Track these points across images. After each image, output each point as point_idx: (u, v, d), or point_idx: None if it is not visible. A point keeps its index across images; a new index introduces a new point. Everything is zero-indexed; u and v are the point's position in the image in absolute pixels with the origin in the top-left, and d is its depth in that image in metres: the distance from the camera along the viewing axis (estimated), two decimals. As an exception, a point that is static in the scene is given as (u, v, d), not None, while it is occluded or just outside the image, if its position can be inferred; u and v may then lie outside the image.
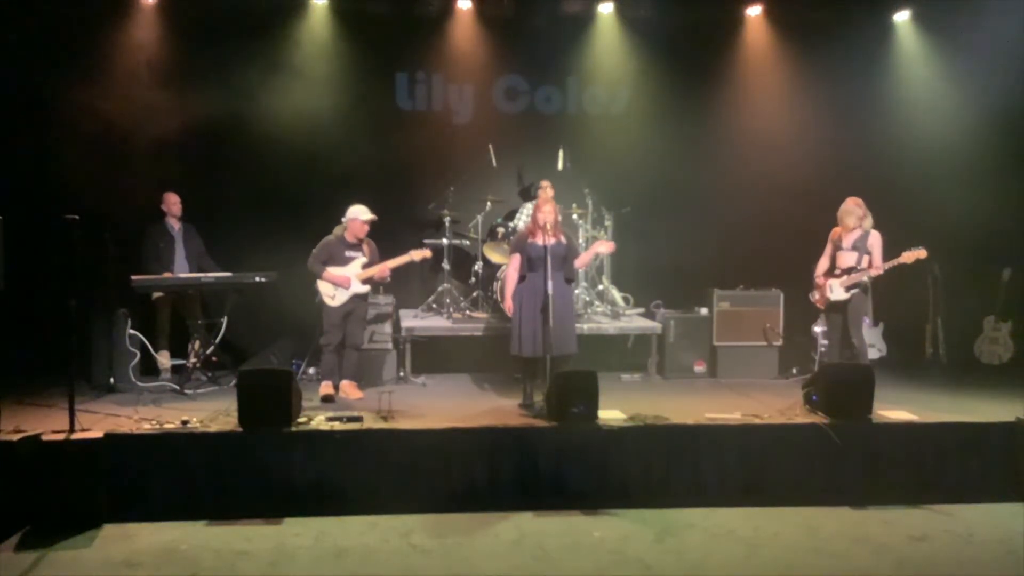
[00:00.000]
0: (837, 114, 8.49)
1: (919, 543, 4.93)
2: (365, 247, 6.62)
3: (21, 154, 7.21)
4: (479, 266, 8.05)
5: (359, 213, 6.50)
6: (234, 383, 6.01)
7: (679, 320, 7.75)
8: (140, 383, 6.78)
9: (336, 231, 6.64)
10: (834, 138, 8.43)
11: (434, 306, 7.97)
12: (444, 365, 7.71)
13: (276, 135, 7.79)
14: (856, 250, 6.53)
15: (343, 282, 6.52)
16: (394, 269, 6.68)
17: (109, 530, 4.97)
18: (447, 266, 7.95)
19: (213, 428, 5.44)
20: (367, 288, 6.66)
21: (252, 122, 7.77)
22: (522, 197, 8.54)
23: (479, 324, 7.55)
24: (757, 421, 5.82)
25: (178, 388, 6.62)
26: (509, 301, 6.24)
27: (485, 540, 4.91)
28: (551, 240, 6.07)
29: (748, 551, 4.79)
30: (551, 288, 5.87)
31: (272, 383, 5.47)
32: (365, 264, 6.59)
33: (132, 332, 6.80)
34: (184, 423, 5.50)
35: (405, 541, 4.86)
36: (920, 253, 6.25)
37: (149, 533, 4.93)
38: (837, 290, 6.61)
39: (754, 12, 8.52)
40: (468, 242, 8.26)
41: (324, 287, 6.54)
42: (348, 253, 6.57)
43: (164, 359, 7.24)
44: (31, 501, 4.93)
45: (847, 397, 5.78)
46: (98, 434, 5.16)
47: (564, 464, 5.45)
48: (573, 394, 5.56)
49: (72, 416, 5.24)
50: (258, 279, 6.83)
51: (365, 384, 6.85)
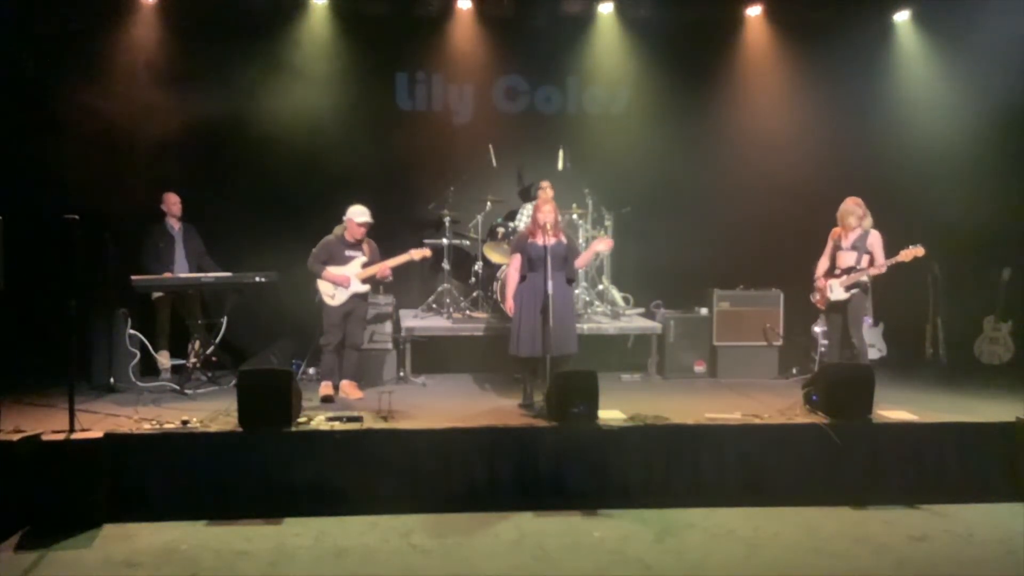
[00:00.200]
0: (837, 114, 8.49)
1: (919, 543, 4.93)
2: (365, 247, 6.63)
3: (21, 154, 7.21)
4: (479, 266, 8.05)
5: (355, 215, 6.50)
6: (234, 383, 6.01)
7: (679, 320, 7.76)
8: (140, 383, 6.78)
9: (336, 231, 6.64)
10: (834, 138, 8.43)
11: (434, 306, 7.97)
12: (444, 365, 7.72)
13: (276, 135, 7.78)
14: (856, 250, 6.53)
15: (343, 281, 6.52)
16: (394, 269, 6.69)
17: (109, 530, 4.97)
18: (447, 266, 7.95)
19: (213, 428, 5.44)
20: (367, 288, 6.66)
21: (252, 122, 7.76)
22: (522, 197, 8.54)
23: (479, 324, 7.55)
24: (757, 421, 5.82)
25: (178, 388, 6.62)
26: (510, 301, 6.25)
27: (485, 540, 4.91)
28: (551, 240, 6.07)
29: (748, 551, 4.79)
30: (551, 288, 5.86)
31: (272, 383, 5.47)
32: (365, 263, 6.59)
33: (132, 332, 6.80)
34: (184, 423, 5.50)
35: (405, 541, 4.86)
36: (918, 251, 6.25)
37: (149, 533, 4.92)
38: (837, 290, 6.61)
39: (754, 12, 8.52)
40: (468, 242, 8.26)
41: (324, 286, 6.55)
42: (348, 253, 6.57)
43: (164, 359, 7.24)
44: (31, 501, 4.93)
45: (847, 397, 5.77)
46: (98, 434, 5.16)
47: (564, 464, 5.45)
48: (573, 394, 5.56)
49: (72, 416, 5.23)
50: (258, 279, 6.83)
51: (365, 384, 6.85)
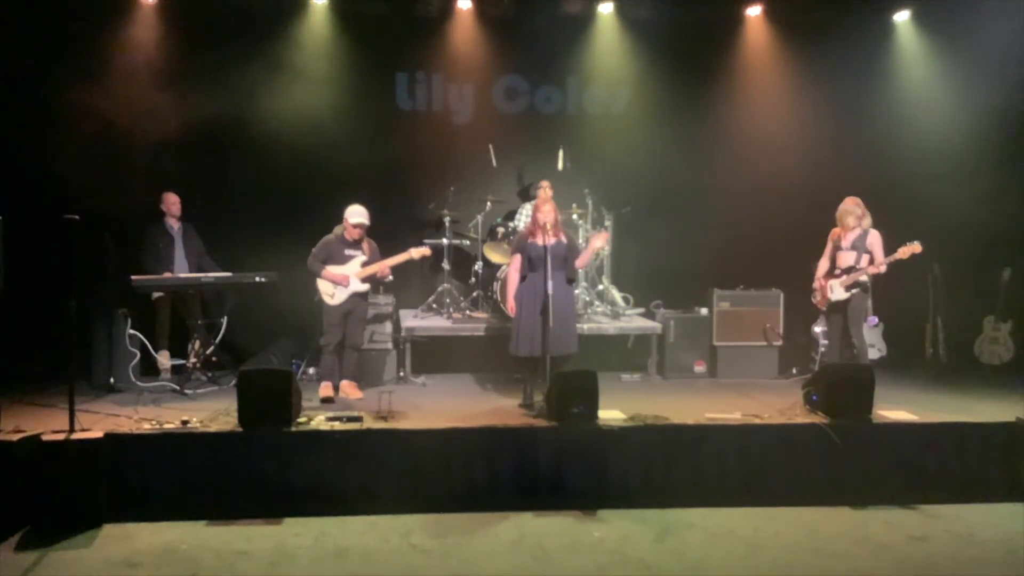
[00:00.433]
0: (837, 114, 8.49)
1: (919, 543, 4.93)
2: (365, 246, 6.62)
3: (21, 154, 7.20)
4: (479, 266, 8.05)
5: (350, 215, 6.49)
6: (234, 383, 6.00)
7: (679, 320, 7.75)
8: (140, 383, 6.78)
9: (336, 230, 6.63)
10: (834, 138, 8.43)
11: (434, 306, 7.97)
12: (444, 365, 7.72)
13: (276, 135, 7.79)
14: (855, 250, 6.53)
15: (342, 281, 6.52)
16: (394, 268, 6.69)
17: (109, 530, 4.97)
18: (447, 266, 7.95)
19: (213, 428, 5.44)
20: (366, 287, 6.66)
21: (252, 122, 7.76)
22: (521, 197, 8.54)
23: (479, 324, 7.55)
24: (757, 421, 5.82)
25: (178, 388, 6.62)
26: (511, 302, 6.25)
27: (485, 540, 4.91)
28: (551, 240, 6.06)
29: (748, 551, 4.79)
30: (551, 288, 5.86)
31: (272, 383, 5.46)
32: (364, 263, 6.59)
33: (132, 332, 6.80)
34: (184, 423, 5.50)
35: (405, 541, 4.86)
36: (915, 248, 6.25)
37: (149, 533, 4.92)
38: (837, 290, 6.61)
39: (754, 12, 8.52)
40: (468, 242, 8.26)
41: (323, 286, 6.55)
42: (348, 252, 6.57)
43: (164, 359, 7.24)
44: (31, 501, 4.92)
45: (847, 397, 5.77)
46: (98, 434, 5.16)
47: (564, 464, 5.44)
48: (573, 394, 5.56)
49: (72, 416, 5.24)
50: (258, 279, 6.83)
51: (365, 384, 6.85)
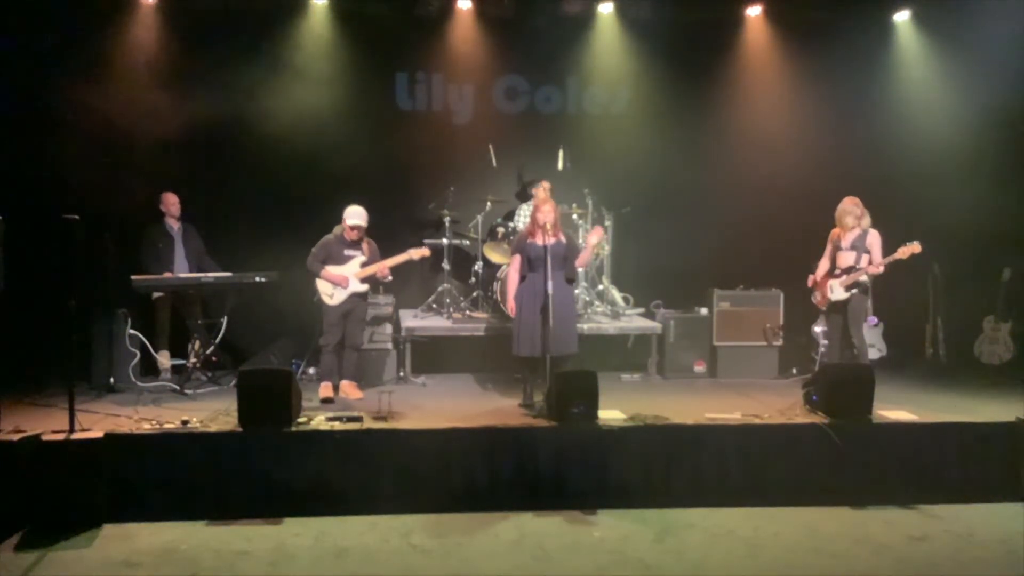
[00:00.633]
0: (837, 114, 8.48)
1: (919, 543, 4.93)
2: (364, 246, 6.62)
3: (21, 154, 7.21)
4: (479, 266, 8.05)
5: (348, 216, 6.48)
6: (234, 383, 6.01)
7: (679, 320, 7.75)
8: (140, 383, 6.78)
9: (336, 230, 6.62)
10: (834, 138, 8.42)
11: (434, 306, 7.97)
12: (444, 365, 7.71)
13: (276, 135, 7.78)
14: (855, 249, 6.53)
15: (341, 281, 6.51)
16: (393, 269, 6.68)
17: (109, 530, 4.97)
18: (447, 266, 7.95)
19: (213, 428, 5.44)
20: (366, 287, 6.65)
21: (252, 122, 7.75)
22: (519, 198, 8.52)
23: (479, 324, 7.55)
24: (757, 421, 5.82)
25: (178, 388, 6.62)
26: (512, 302, 6.24)
27: (485, 540, 4.91)
28: (551, 240, 6.06)
29: (748, 551, 4.79)
30: (551, 288, 5.86)
31: (272, 383, 5.47)
32: (364, 263, 6.58)
33: (132, 332, 6.80)
34: (184, 423, 5.50)
35: (405, 541, 4.86)
36: (914, 248, 6.25)
37: (149, 533, 4.92)
38: (837, 290, 6.61)
39: (754, 12, 8.52)
40: (468, 242, 8.25)
41: (323, 286, 6.54)
42: (347, 252, 6.56)
43: (164, 359, 7.24)
44: (31, 501, 4.93)
45: (847, 397, 5.78)
46: (98, 434, 5.16)
47: (564, 464, 5.44)
48: (573, 394, 5.56)
49: (72, 416, 5.24)
50: (258, 279, 6.83)
51: (365, 384, 6.85)
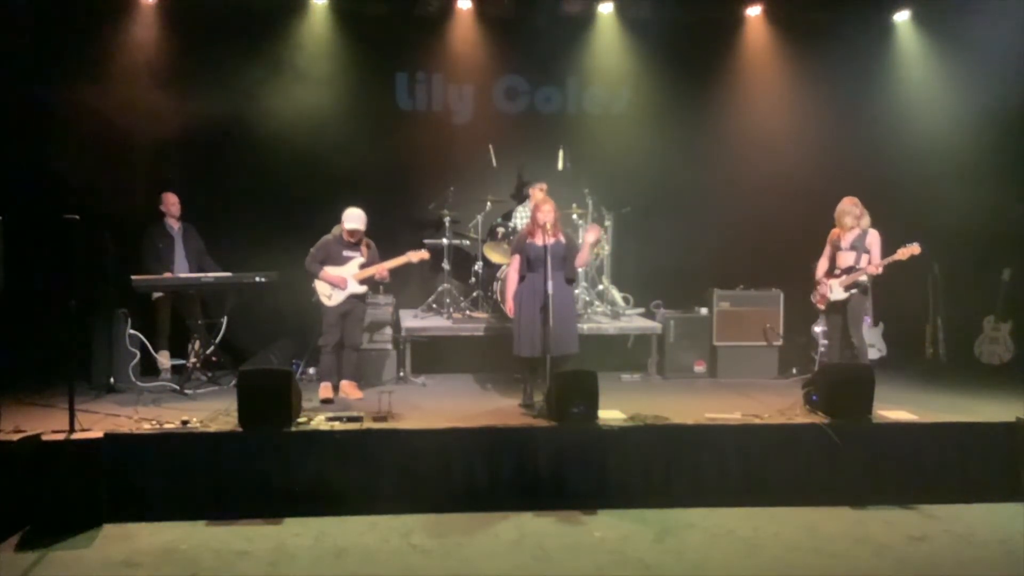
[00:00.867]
0: (837, 114, 8.48)
1: (919, 543, 4.93)
2: (363, 247, 6.62)
3: (21, 154, 7.21)
4: (479, 266, 8.05)
5: (346, 219, 6.48)
6: (234, 383, 6.01)
7: (679, 320, 7.75)
8: (140, 383, 6.78)
9: (334, 230, 6.62)
10: (834, 138, 8.42)
11: (434, 306, 7.97)
12: (444, 365, 7.70)
13: (276, 135, 7.78)
14: (855, 250, 6.53)
15: (339, 282, 6.51)
16: (393, 270, 6.67)
17: (109, 530, 4.97)
18: (447, 266, 7.94)
19: (213, 428, 5.44)
20: (364, 288, 6.65)
21: (252, 122, 7.75)
22: (516, 199, 8.51)
23: (479, 324, 7.55)
24: (757, 421, 5.82)
25: (178, 388, 6.62)
26: (511, 302, 6.25)
27: (485, 540, 4.91)
28: (551, 240, 6.06)
29: (748, 551, 4.79)
30: (551, 288, 5.86)
31: (272, 383, 5.47)
32: (363, 264, 6.58)
33: (132, 332, 6.80)
34: (184, 423, 5.50)
35: (405, 541, 4.86)
36: (914, 249, 6.25)
37: (149, 533, 4.92)
38: (837, 290, 6.61)
39: (754, 12, 8.51)
40: (468, 242, 8.25)
41: (321, 287, 6.54)
42: (346, 253, 6.56)
43: (164, 359, 7.23)
44: (31, 501, 4.93)
45: (847, 397, 5.78)
46: (98, 434, 5.16)
47: (564, 464, 5.44)
48: (573, 394, 5.56)
49: (72, 416, 5.24)
50: (258, 279, 6.83)
51: (365, 384, 6.85)
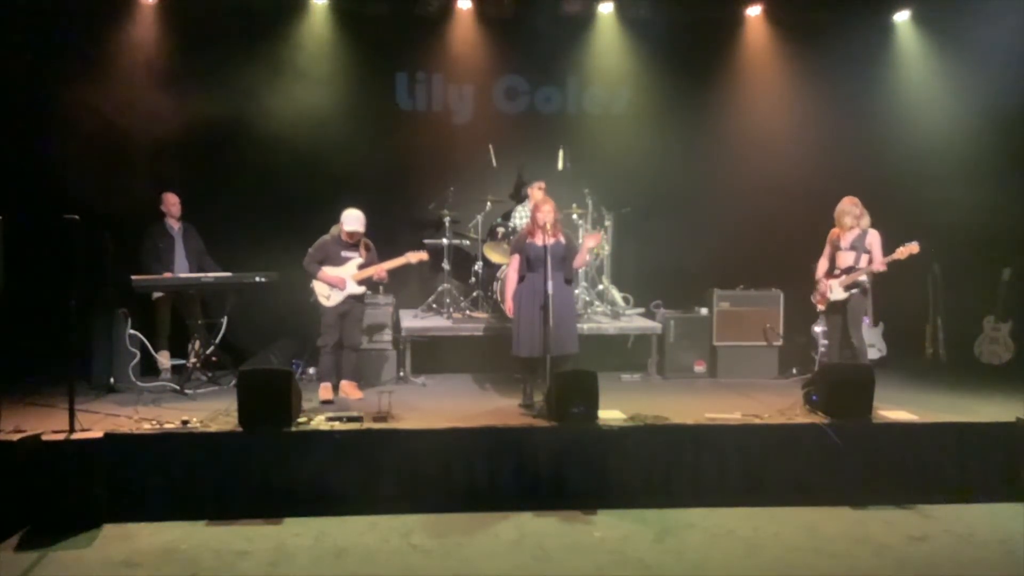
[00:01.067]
0: (837, 114, 8.48)
1: (919, 543, 4.94)
2: (362, 247, 6.61)
3: (21, 154, 7.21)
4: (479, 266, 8.05)
5: (345, 221, 6.47)
6: (234, 383, 6.01)
7: (679, 320, 7.75)
8: (140, 383, 6.78)
9: (333, 230, 6.61)
10: (834, 138, 8.42)
11: (434, 306, 7.97)
12: (444, 365, 7.70)
13: (276, 135, 7.78)
14: (855, 249, 6.53)
15: (338, 283, 6.50)
16: (392, 270, 6.67)
17: (109, 530, 4.97)
18: (447, 266, 7.95)
19: (213, 428, 5.44)
20: (363, 289, 6.64)
21: (252, 122, 7.75)
22: (515, 199, 8.50)
23: (479, 324, 7.55)
24: (757, 421, 5.82)
25: (178, 388, 6.62)
26: (510, 302, 6.25)
27: (485, 540, 4.91)
28: (551, 240, 6.06)
29: (748, 551, 4.79)
30: (551, 288, 5.86)
31: (272, 383, 5.46)
32: (361, 265, 6.57)
33: (132, 332, 6.80)
34: (184, 423, 5.50)
35: (405, 541, 4.87)
36: (913, 248, 6.24)
37: (149, 533, 4.93)
38: (836, 290, 6.61)
39: (754, 12, 8.52)
40: (468, 242, 8.25)
41: (319, 287, 6.53)
42: (344, 253, 6.55)
43: (164, 359, 7.23)
44: (31, 501, 4.93)
45: (847, 397, 5.78)
46: (98, 434, 5.16)
47: (564, 464, 5.44)
48: (573, 394, 5.56)
49: (72, 416, 5.23)
50: (258, 279, 6.83)
51: (365, 384, 6.85)
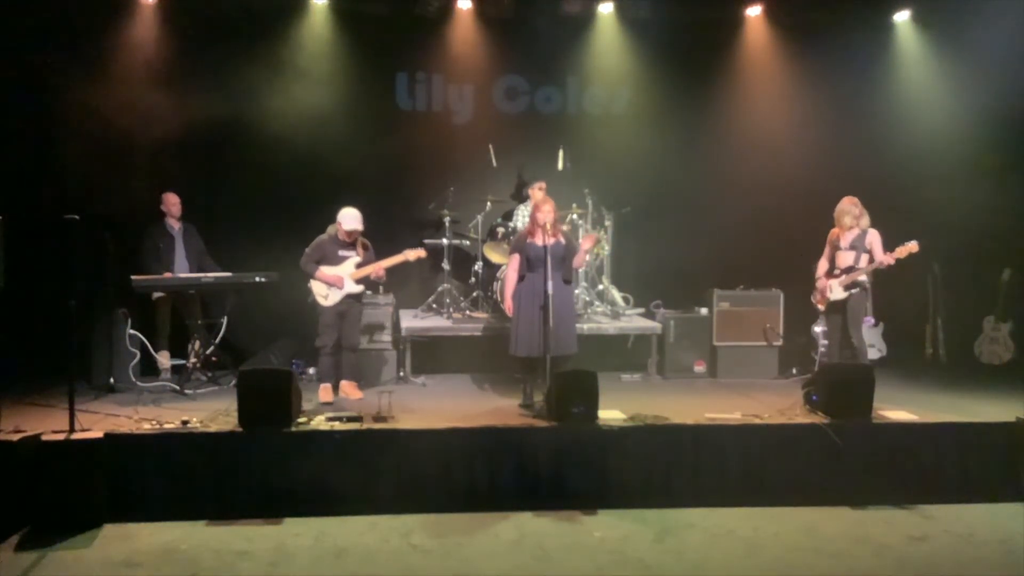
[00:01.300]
0: (837, 114, 8.48)
1: (919, 543, 4.94)
2: (360, 247, 6.59)
3: (21, 154, 7.21)
4: (479, 266, 8.05)
5: (344, 220, 6.45)
6: (234, 383, 6.01)
7: (679, 320, 7.75)
8: (140, 383, 6.78)
9: (330, 230, 6.59)
10: (834, 138, 8.42)
11: (434, 306, 7.97)
12: (444, 365, 7.70)
13: (276, 135, 7.77)
14: (854, 249, 6.53)
15: (336, 282, 6.49)
16: (391, 269, 6.65)
17: (109, 530, 4.97)
18: (447, 266, 7.95)
19: (213, 428, 5.44)
20: (361, 288, 6.63)
21: (252, 122, 7.75)
22: (515, 199, 8.51)
23: (479, 324, 7.55)
24: (757, 421, 5.82)
25: (178, 388, 6.62)
26: (509, 301, 6.24)
27: (485, 540, 4.91)
28: (550, 240, 6.06)
29: (748, 551, 4.79)
30: (551, 288, 5.86)
31: (272, 383, 5.47)
32: (359, 263, 6.56)
33: (132, 332, 6.80)
34: (184, 423, 5.50)
35: (405, 541, 4.87)
36: (912, 247, 6.25)
37: (149, 533, 4.93)
38: (836, 290, 6.61)
39: (754, 12, 8.52)
40: (468, 242, 8.25)
41: (317, 287, 6.52)
42: (342, 252, 6.53)
43: (164, 359, 7.23)
44: (31, 501, 4.93)
45: (847, 397, 5.78)
46: (98, 434, 5.16)
47: (564, 464, 5.45)
48: (573, 394, 5.56)
49: (72, 416, 5.24)
50: (258, 279, 6.82)
51: (365, 384, 6.85)
